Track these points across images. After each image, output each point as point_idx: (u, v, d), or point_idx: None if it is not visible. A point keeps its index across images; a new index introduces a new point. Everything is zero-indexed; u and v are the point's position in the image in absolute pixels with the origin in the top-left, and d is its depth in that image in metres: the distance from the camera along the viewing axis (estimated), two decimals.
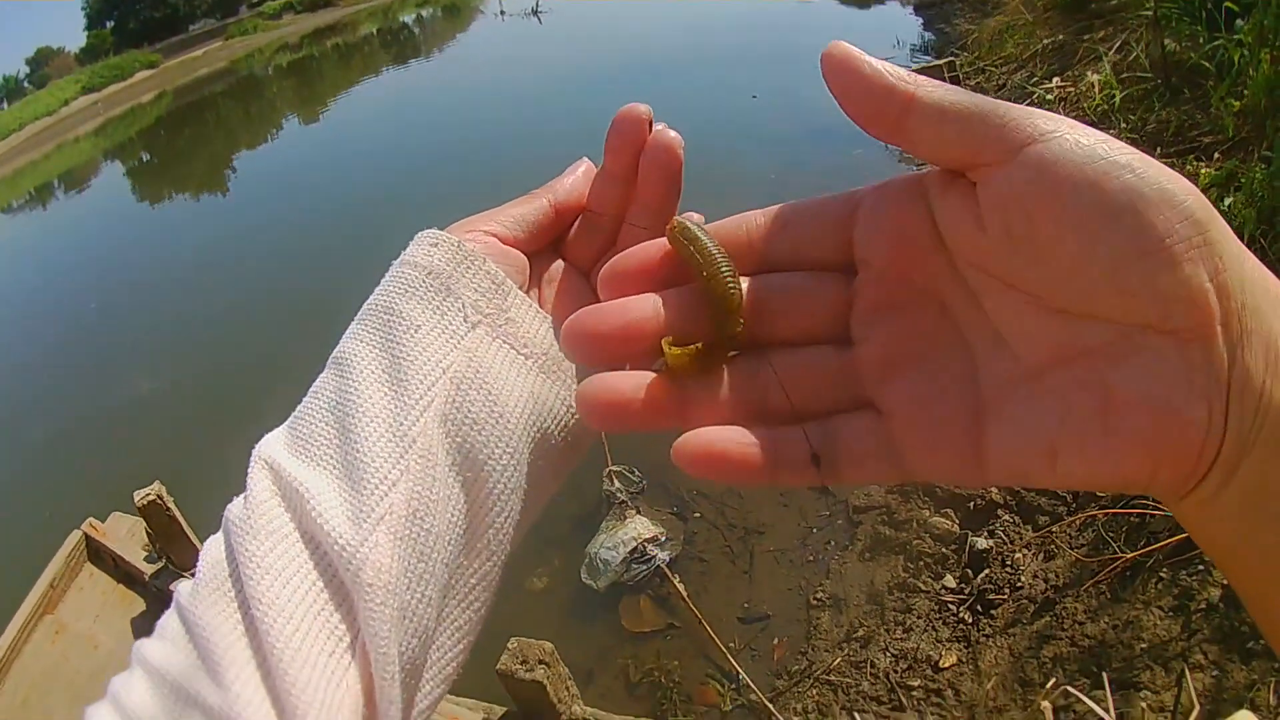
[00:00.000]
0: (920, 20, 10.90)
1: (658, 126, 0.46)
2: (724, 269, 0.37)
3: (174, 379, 6.19)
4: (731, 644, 2.90)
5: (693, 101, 9.72)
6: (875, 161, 6.53)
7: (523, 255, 0.49)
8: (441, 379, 0.43)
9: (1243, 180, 3.08)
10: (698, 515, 3.42)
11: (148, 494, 2.81)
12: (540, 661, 2.36)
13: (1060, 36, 6.43)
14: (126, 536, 3.22)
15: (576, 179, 0.51)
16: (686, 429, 0.36)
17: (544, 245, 0.51)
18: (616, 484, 3.50)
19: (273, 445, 0.43)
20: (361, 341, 0.44)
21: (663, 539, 3.25)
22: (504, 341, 0.45)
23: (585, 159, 0.53)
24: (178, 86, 30.19)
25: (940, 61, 7.72)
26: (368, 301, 0.46)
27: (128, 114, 27.44)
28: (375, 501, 0.39)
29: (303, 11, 42.72)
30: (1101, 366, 0.30)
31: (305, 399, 0.45)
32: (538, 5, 25.24)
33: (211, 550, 0.41)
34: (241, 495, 0.42)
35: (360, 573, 0.38)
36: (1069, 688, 2.04)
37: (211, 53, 37.17)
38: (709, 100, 9.80)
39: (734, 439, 0.35)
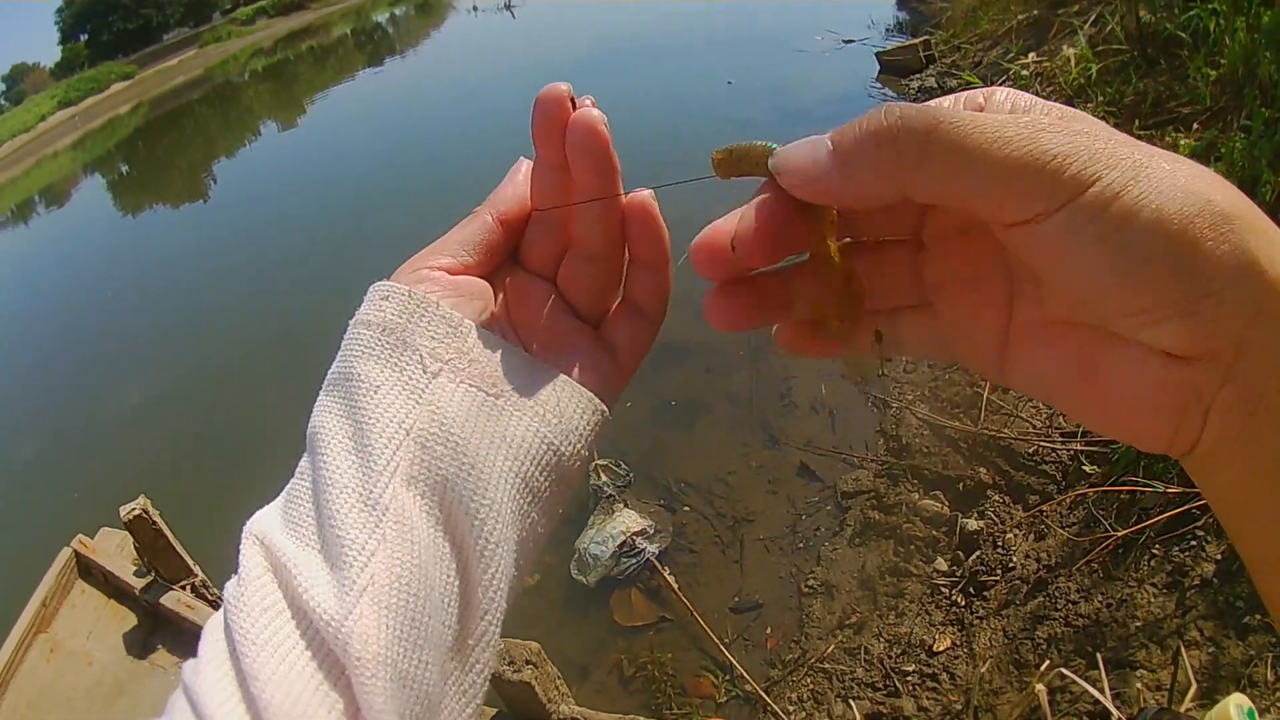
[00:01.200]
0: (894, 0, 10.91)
1: (581, 104, 0.44)
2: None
3: (159, 391, 6.18)
4: (725, 635, 2.88)
5: (669, 89, 9.73)
6: None
7: (480, 281, 0.47)
8: (405, 441, 0.41)
9: (1223, 150, 3.08)
10: (686, 506, 3.41)
11: (133, 509, 2.80)
12: (528, 662, 2.35)
13: (1035, 11, 6.45)
14: (116, 551, 3.22)
15: (517, 184, 0.49)
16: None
17: (500, 261, 0.49)
18: (603, 478, 3.49)
19: (264, 523, 0.43)
20: (328, 413, 0.43)
21: (651, 531, 3.24)
22: (469, 385, 0.43)
23: (523, 159, 0.50)
24: (154, 96, 30.14)
25: (915, 41, 7.73)
26: (330, 370, 0.45)
27: (105, 126, 27.40)
28: (355, 574, 0.38)
29: (275, 15, 42.67)
30: (1095, 345, 0.33)
31: (293, 479, 0.44)
32: (510, 1, 25.25)
33: (212, 628, 0.40)
34: (235, 574, 0.41)
35: (348, 646, 0.37)
36: (1064, 670, 2.03)
37: (186, 61, 37.11)
38: (685, 87, 9.82)
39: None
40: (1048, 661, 2.23)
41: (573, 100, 0.44)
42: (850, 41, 9.20)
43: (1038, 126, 0.30)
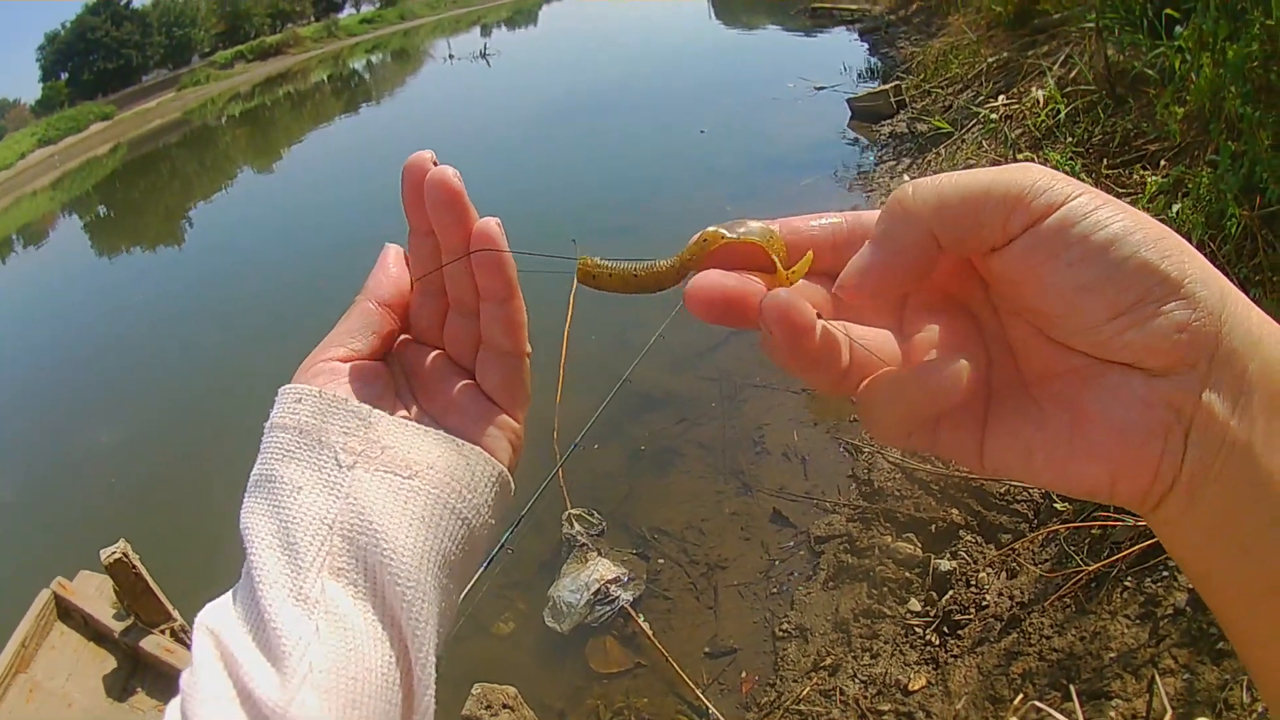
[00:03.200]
0: (866, 45, 11.08)
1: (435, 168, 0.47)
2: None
3: (135, 433, 6.12)
4: (700, 680, 2.88)
5: (641, 137, 9.79)
6: (824, 188, 6.61)
7: (374, 363, 0.50)
8: (329, 536, 0.43)
9: (1190, 185, 3.12)
10: (660, 553, 3.42)
11: (113, 552, 2.79)
12: (505, 706, 2.35)
13: (1005, 54, 6.55)
14: (95, 594, 3.20)
15: (388, 269, 0.52)
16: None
17: (389, 343, 0.52)
18: (577, 526, 3.49)
19: (213, 615, 0.44)
20: (255, 514, 0.45)
21: (625, 579, 3.24)
22: (385, 472, 0.46)
23: (390, 245, 0.53)
24: (132, 138, 30.05)
25: (886, 86, 7.85)
26: (253, 472, 0.47)
27: (84, 166, 27.22)
28: (294, 663, 0.40)
29: (254, 60, 42.81)
30: (1078, 385, 0.36)
31: (241, 575, 0.45)
32: (485, 49, 25.50)
33: (172, 715, 0.41)
34: (190, 665, 0.43)
35: None
36: (1037, 703, 2.04)
37: (165, 104, 37.06)
38: (657, 137, 9.88)
39: None
40: (1021, 695, 2.24)
41: (433, 165, 0.47)
42: (822, 88, 9.31)
43: (1024, 168, 0.35)
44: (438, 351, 0.53)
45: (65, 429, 6.65)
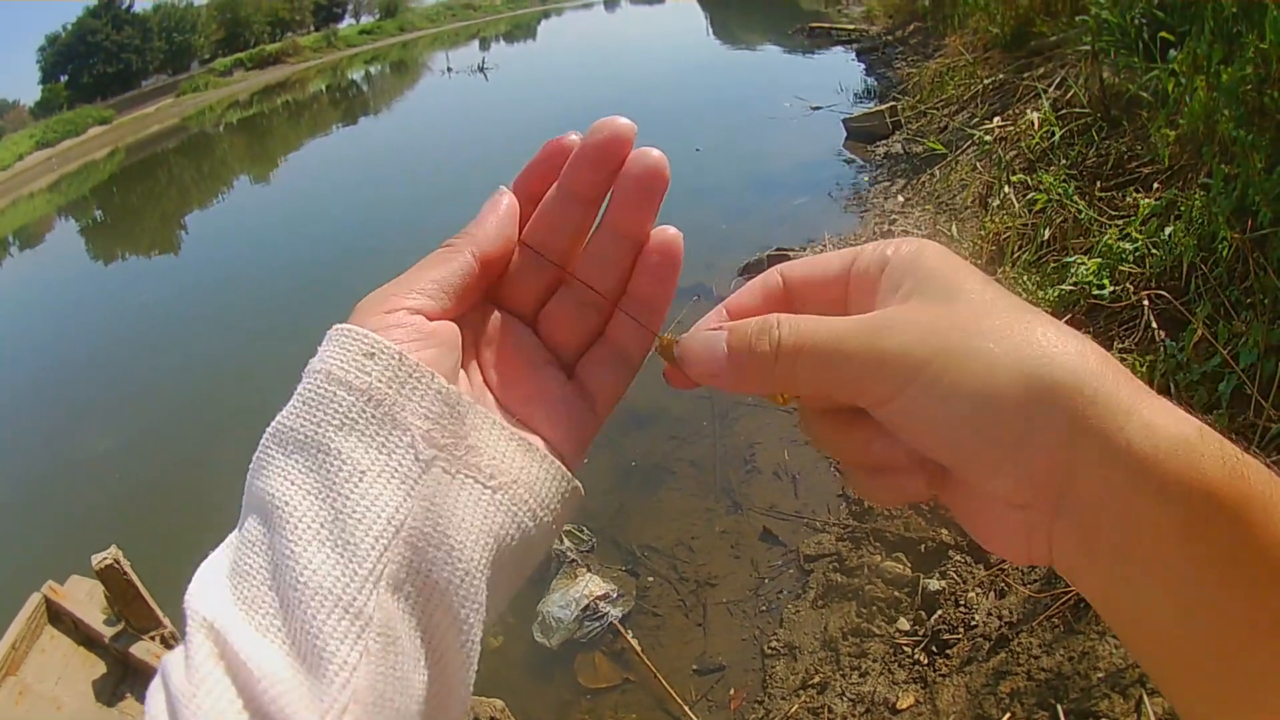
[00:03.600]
0: (862, 65, 11.12)
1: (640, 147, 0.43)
2: None
3: (129, 439, 6.11)
4: (688, 696, 2.88)
5: None
6: (818, 208, 6.63)
7: (453, 327, 0.42)
8: (395, 540, 0.37)
9: (1182, 208, 3.13)
10: (649, 570, 3.42)
11: (104, 558, 2.79)
12: (491, 719, 2.34)
13: (1000, 76, 6.55)
14: (86, 599, 3.19)
15: (500, 219, 0.44)
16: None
17: (475, 304, 0.44)
18: (566, 542, 3.49)
19: (211, 601, 0.37)
20: (294, 485, 0.38)
21: (614, 595, 3.25)
22: (466, 476, 0.39)
23: (505, 190, 0.46)
24: (130, 143, 30.05)
25: (882, 107, 7.88)
26: (289, 424, 0.39)
27: (81, 170, 27.18)
28: (337, 690, 0.34)
29: (253, 68, 42.88)
30: (963, 487, 0.38)
31: (239, 547, 0.38)
32: (484, 63, 25.60)
33: (155, 710, 0.35)
34: (180, 650, 0.36)
35: None
36: None
37: (164, 109, 37.10)
38: None
39: None
40: (1009, 714, 2.24)
41: (632, 140, 0.43)
42: (818, 108, 9.33)
43: (886, 326, 0.36)
44: (524, 327, 0.46)
45: (59, 434, 6.63)
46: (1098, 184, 3.88)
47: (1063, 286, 3.35)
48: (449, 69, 28.71)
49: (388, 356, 0.39)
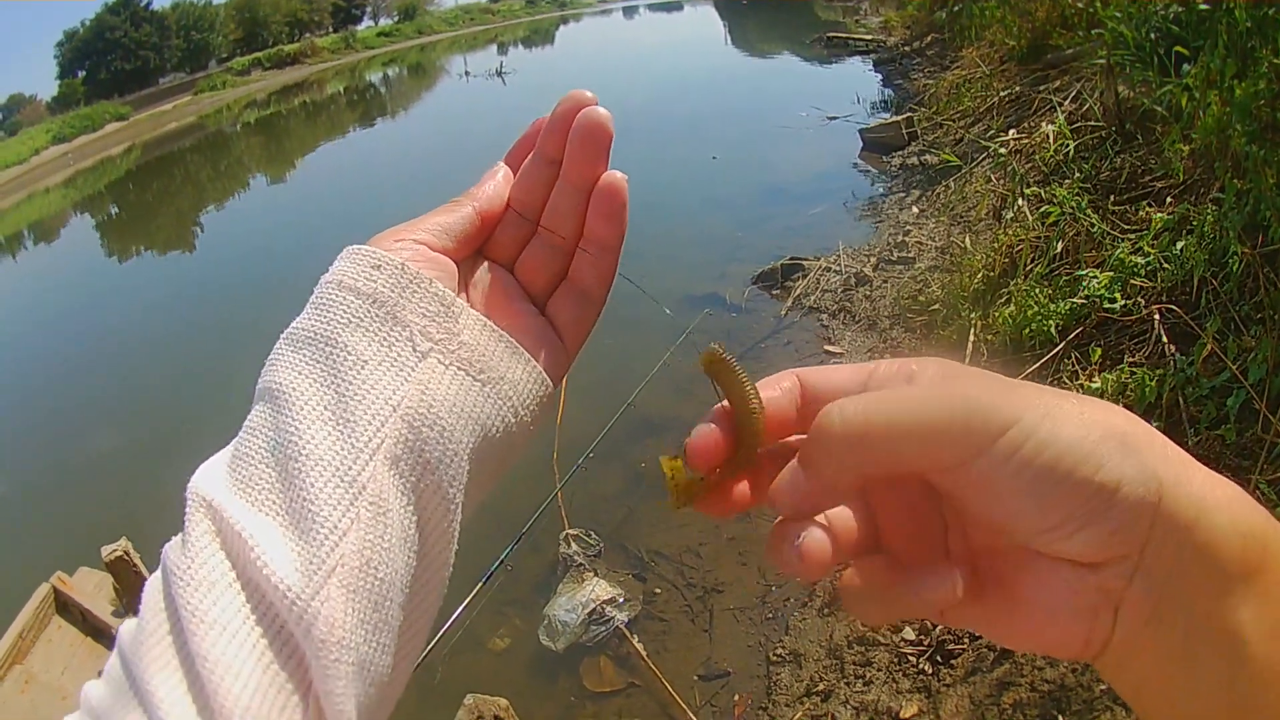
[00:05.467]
0: (879, 76, 11.12)
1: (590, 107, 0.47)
2: (751, 398, 0.41)
3: (140, 434, 6.14)
4: (693, 702, 2.89)
5: (654, 164, 9.81)
6: (832, 218, 6.62)
7: (452, 263, 0.47)
8: (392, 417, 0.40)
9: (1195, 223, 3.13)
10: (657, 575, 3.43)
11: (115, 550, 2.81)
12: (496, 717, 2.35)
13: (1017, 88, 6.54)
14: (94, 591, 3.22)
15: (497, 184, 0.51)
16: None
17: (471, 252, 0.50)
18: (574, 546, 3.50)
19: (211, 484, 0.40)
20: (301, 374, 0.42)
21: (621, 600, 3.25)
22: (458, 369, 0.43)
23: (501, 165, 0.52)
24: (147, 140, 30.14)
25: (898, 118, 7.87)
26: (301, 325, 0.44)
27: (97, 166, 27.24)
28: (326, 552, 0.37)
29: (270, 68, 43.05)
30: (1013, 567, 0.36)
31: (241, 435, 0.42)
32: (501, 67, 25.66)
33: (152, 594, 0.38)
34: (179, 536, 0.39)
35: (312, 628, 0.36)
36: None
37: (180, 107, 37.23)
38: (671, 162, 9.88)
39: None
40: None
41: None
42: (834, 118, 9.33)
43: (961, 388, 0.35)
44: (505, 272, 0.51)
45: (69, 428, 6.68)
46: (1111, 198, 3.88)
47: (1074, 299, 3.36)
48: (467, 73, 28.82)
49: (392, 267, 0.44)
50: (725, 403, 0.42)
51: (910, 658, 2.74)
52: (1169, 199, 3.54)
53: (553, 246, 0.50)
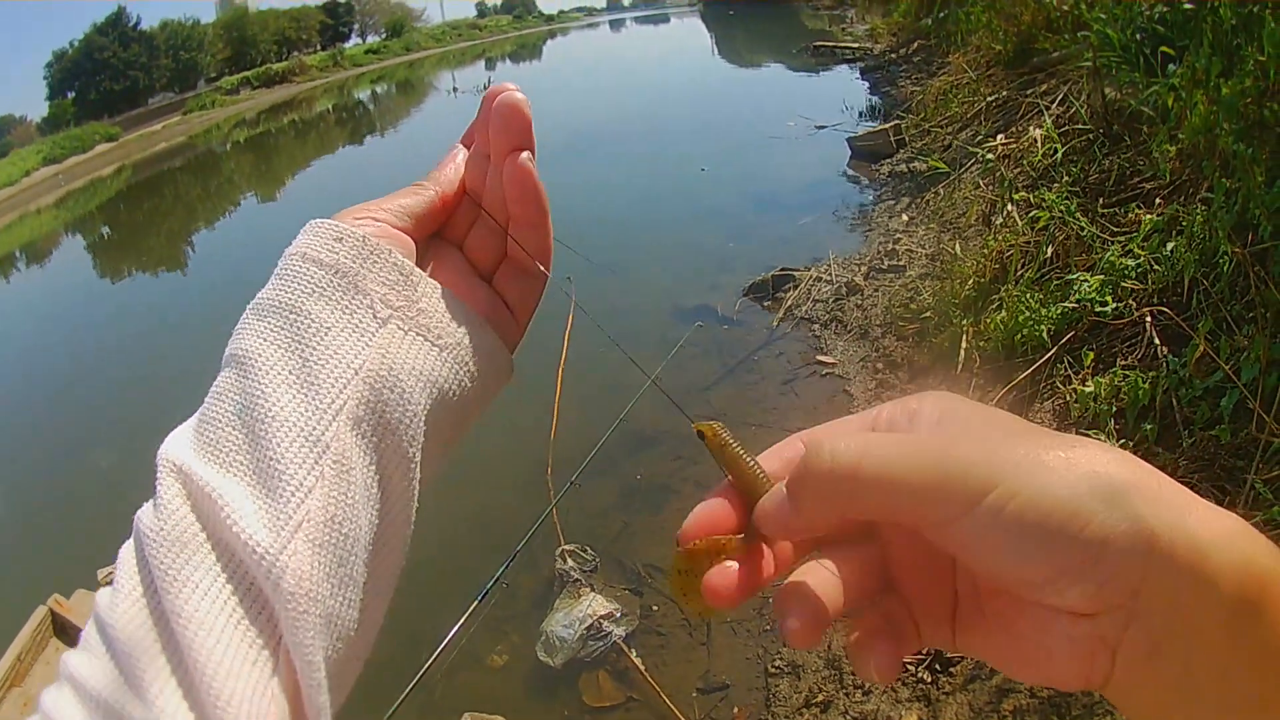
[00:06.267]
0: (867, 84, 11.16)
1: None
2: (755, 470, 0.42)
3: (135, 455, 6.06)
4: (692, 715, 2.87)
5: (642, 175, 9.83)
6: (823, 228, 6.63)
7: (411, 241, 0.50)
8: (354, 380, 0.42)
9: (1184, 223, 3.13)
10: (653, 589, 3.41)
11: (111, 571, 2.78)
12: None
13: (1003, 93, 6.57)
14: (91, 613, 3.18)
15: (457, 168, 0.53)
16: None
17: (429, 233, 0.52)
18: (570, 562, 3.48)
19: (180, 449, 0.43)
20: (266, 341, 0.44)
21: (618, 615, 3.23)
22: (416, 334, 0.46)
23: (459, 147, 0.55)
24: (137, 160, 30.10)
25: (886, 126, 7.90)
26: (266, 295, 0.46)
27: (88, 187, 27.17)
28: (293, 509, 0.39)
29: (259, 87, 43.07)
30: (1012, 609, 0.36)
31: (208, 400, 0.44)
32: (489, 83, 25.73)
33: (126, 559, 0.40)
34: (151, 502, 0.41)
35: (281, 581, 0.37)
36: None
37: (170, 127, 37.19)
38: (659, 174, 9.90)
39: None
40: None
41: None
42: (823, 127, 9.35)
43: (947, 445, 0.35)
44: (457, 251, 0.53)
45: (65, 450, 6.63)
46: (1100, 200, 3.88)
47: (1065, 304, 3.36)
48: (455, 89, 28.91)
49: (354, 239, 0.46)
50: (730, 478, 0.43)
51: (909, 666, 2.73)
52: (1158, 200, 3.54)
53: (492, 229, 0.53)
